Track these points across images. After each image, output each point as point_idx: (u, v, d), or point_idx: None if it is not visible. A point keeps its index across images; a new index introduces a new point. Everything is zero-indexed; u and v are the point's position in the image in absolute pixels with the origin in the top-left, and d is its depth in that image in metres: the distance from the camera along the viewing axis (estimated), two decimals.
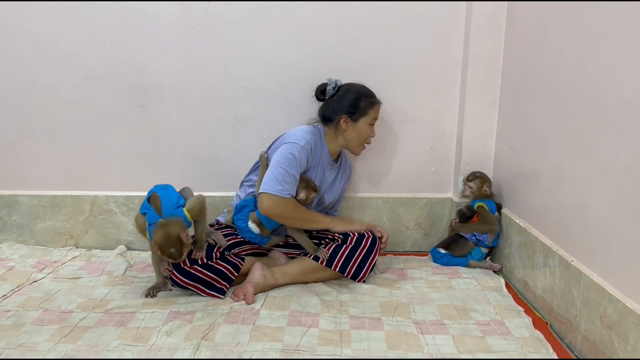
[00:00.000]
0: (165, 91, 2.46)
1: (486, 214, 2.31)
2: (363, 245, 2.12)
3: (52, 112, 2.49)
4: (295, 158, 2.03)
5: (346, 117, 2.16)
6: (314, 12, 2.38)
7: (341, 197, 2.44)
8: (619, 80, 1.46)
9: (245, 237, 2.10)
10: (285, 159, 2.02)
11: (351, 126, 2.17)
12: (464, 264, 2.32)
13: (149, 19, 2.38)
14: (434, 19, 2.40)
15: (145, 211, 1.91)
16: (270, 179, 2.00)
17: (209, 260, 1.95)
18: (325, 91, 2.21)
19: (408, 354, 1.59)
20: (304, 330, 1.73)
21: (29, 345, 1.61)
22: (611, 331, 1.46)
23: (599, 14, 1.56)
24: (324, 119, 2.22)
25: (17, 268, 2.26)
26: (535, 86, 2.00)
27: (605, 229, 1.53)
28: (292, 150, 2.04)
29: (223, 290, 1.98)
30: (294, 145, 2.06)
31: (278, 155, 2.04)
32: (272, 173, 2.01)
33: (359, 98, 2.16)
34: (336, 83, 2.19)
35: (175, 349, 1.60)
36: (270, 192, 1.98)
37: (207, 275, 1.95)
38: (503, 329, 1.75)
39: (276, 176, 2.00)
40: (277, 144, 2.14)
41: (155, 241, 1.84)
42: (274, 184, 1.99)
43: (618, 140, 1.46)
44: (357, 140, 2.21)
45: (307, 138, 2.10)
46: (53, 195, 2.56)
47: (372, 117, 2.20)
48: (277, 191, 1.98)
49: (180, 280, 1.94)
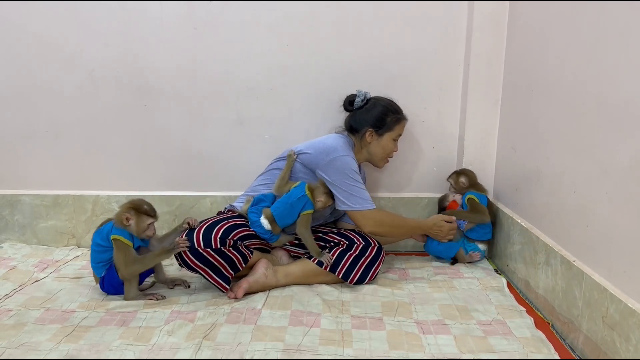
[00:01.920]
0: (166, 91, 2.47)
1: (476, 204, 2.33)
2: (368, 253, 2.12)
3: (54, 112, 2.49)
4: (354, 170, 2.11)
5: (372, 131, 2.20)
6: (316, 12, 2.38)
7: None
8: (621, 80, 1.46)
9: (255, 231, 2.09)
10: (348, 173, 2.09)
11: (375, 140, 2.22)
12: (455, 248, 2.34)
13: (151, 19, 2.38)
14: (436, 18, 2.40)
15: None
16: (353, 198, 2.09)
17: (222, 246, 1.94)
18: (353, 102, 2.24)
19: (409, 354, 1.59)
20: (305, 330, 1.73)
21: (31, 345, 1.61)
22: (613, 331, 1.45)
23: (601, 13, 1.56)
24: (350, 130, 2.26)
25: (19, 267, 2.27)
26: (537, 86, 2.00)
27: (608, 229, 1.53)
28: (349, 163, 2.10)
29: (228, 279, 1.97)
30: (346, 158, 2.11)
31: (339, 173, 2.08)
32: (350, 191, 2.08)
33: (386, 113, 2.21)
34: (365, 95, 2.23)
35: (176, 349, 1.60)
36: (360, 209, 2.09)
37: (217, 260, 1.94)
38: (505, 329, 1.75)
39: (355, 192, 2.09)
40: (315, 153, 2.13)
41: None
42: (359, 200, 2.09)
43: (620, 140, 1.46)
44: (380, 154, 2.25)
45: (347, 148, 2.16)
46: (55, 194, 2.56)
47: (397, 134, 2.25)
48: (366, 206, 2.10)
49: (191, 261, 1.92)
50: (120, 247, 1.90)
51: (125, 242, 1.91)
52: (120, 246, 1.90)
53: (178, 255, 1.94)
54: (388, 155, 2.29)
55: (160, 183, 2.57)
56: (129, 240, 1.92)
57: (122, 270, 1.91)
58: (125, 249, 1.90)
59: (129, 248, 1.91)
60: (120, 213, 1.94)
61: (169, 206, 2.54)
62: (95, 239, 1.96)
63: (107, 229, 1.94)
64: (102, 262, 1.96)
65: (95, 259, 1.97)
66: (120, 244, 1.90)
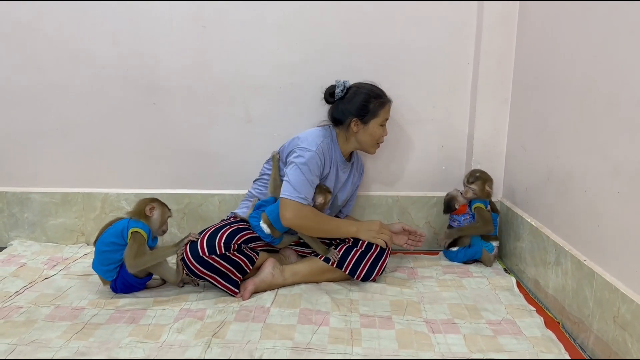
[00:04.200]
0: (175, 89, 2.47)
1: (485, 214, 2.30)
2: (374, 248, 2.12)
3: (63, 110, 2.50)
4: (309, 166, 2.02)
5: (356, 120, 2.12)
6: (325, 10, 2.37)
7: (354, 195, 2.43)
8: (632, 79, 1.44)
9: (258, 235, 2.10)
10: (300, 165, 2.01)
11: (362, 129, 2.14)
12: (479, 254, 2.32)
13: (160, 18, 2.39)
14: (446, 17, 2.38)
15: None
16: (288, 187, 2.00)
17: (226, 252, 1.94)
18: (334, 93, 2.16)
19: (419, 353, 1.59)
20: (314, 328, 1.73)
21: (41, 342, 1.62)
22: (624, 331, 1.44)
23: (611, 11, 1.55)
24: (334, 121, 2.19)
25: (29, 265, 2.28)
26: (547, 84, 1.99)
27: (619, 228, 1.52)
28: (306, 157, 2.02)
29: (237, 282, 1.98)
30: (307, 151, 2.04)
31: (292, 165, 2.03)
32: (290, 180, 2.01)
33: (368, 100, 2.11)
34: (344, 85, 2.14)
35: (186, 346, 1.60)
36: (289, 197, 1.99)
37: (223, 266, 1.94)
38: (514, 328, 1.74)
39: (294, 184, 2.00)
40: (289, 147, 2.13)
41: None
42: (292, 191, 1.99)
43: (631, 139, 1.45)
44: (369, 141, 2.18)
45: (319, 142, 2.07)
46: (64, 192, 2.57)
47: (383, 118, 2.16)
48: (295, 197, 1.98)
49: (197, 269, 1.93)
50: (137, 240, 1.92)
51: (144, 236, 1.93)
52: (138, 238, 1.92)
53: (185, 265, 1.95)
54: (377, 140, 2.20)
55: (168, 181, 2.58)
56: (147, 234, 1.95)
57: (129, 261, 1.91)
58: (141, 242, 1.92)
59: (144, 242, 1.93)
60: (143, 205, 2.00)
61: (178, 204, 2.55)
62: (107, 239, 1.94)
63: (120, 226, 1.94)
64: (114, 264, 1.94)
65: (104, 261, 1.95)
66: (138, 236, 1.92)
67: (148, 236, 1.95)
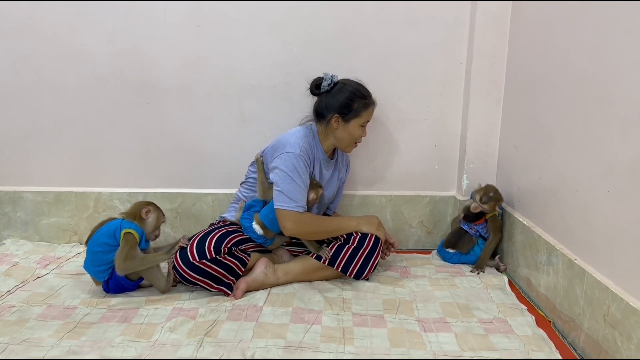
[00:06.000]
0: (170, 88, 2.47)
1: (497, 222, 2.30)
2: (366, 245, 2.11)
3: (57, 109, 2.49)
4: (298, 170, 2.01)
5: (338, 117, 2.09)
6: (319, 10, 2.37)
7: (340, 191, 2.42)
8: (624, 79, 1.45)
9: (250, 237, 2.10)
10: (289, 172, 2.00)
11: (342, 126, 2.11)
12: (473, 261, 2.32)
13: (155, 17, 2.38)
14: (439, 17, 2.39)
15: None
16: (282, 197, 1.99)
17: (217, 255, 1.94)
18: (320, 86, 2.13)
19: (411, 352, 1.59)
20: (306, 327, 1.73)
21: (33, 341, 1.62)
22: (614, 330, 1.45)
23: (604, 12, 1.56)
24: (317, 115, 2.17)
25: (22, 264, 2.27)
26: (540, 84, 2.00)
27: (609, 227, 1.53)
28: (292, 161, 2.01)
29: (230, 285, 1.98)
30: (291, 155, 2.02)
31: (280, 172, 2.01)
32: (283, 190, 2.00)
33: (352, 98, 2.09)
34: (332, 79, 2.12)
35: (178, 345, 1.60)
36: (286, 208, 1.98)
37: (215, 270, 1.94)
38: (506, 327, 1.75)
39: (287, 193, 1.99)
40: (271, 150, 2.11)
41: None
42: (288, 200, 1.99)
43: (623, 139, 1.46)
44: (347, 140, 2.15)
45: (301, 144, 2.05)
46: (57, 191, 2.57)
47: (365, 120, 2.14)
48: (293, 207, 1.99)
49: (189, 275, 1.93)
50: (128, 241, 1.91)
51: (136, 237, 1.93)
52: (130, 240, 1.92)
53: (176, 273, 1.95)
54: (355, 140, 2.18)
55: (162, 180, 2.58)
56: (139, 236, 1.95)
57: (119, 264, 1.90)
58: (133, 243, 1.92)
59: (136, 244, 1.93)
60: (139, 207, 2.00)
61: (171, 203, 2.55)
62: (99, 240, 1.93)
63: (113, 226, 1.94)
64: (106, 265, 1.94)
65: (96, 262, 1.95)
66: (131, 238, 1.92)
67: (141, 238, 1.95)
